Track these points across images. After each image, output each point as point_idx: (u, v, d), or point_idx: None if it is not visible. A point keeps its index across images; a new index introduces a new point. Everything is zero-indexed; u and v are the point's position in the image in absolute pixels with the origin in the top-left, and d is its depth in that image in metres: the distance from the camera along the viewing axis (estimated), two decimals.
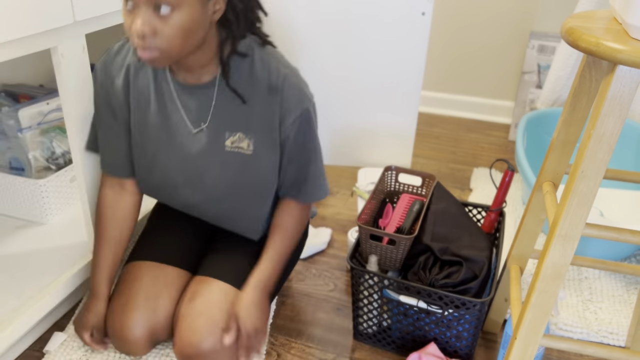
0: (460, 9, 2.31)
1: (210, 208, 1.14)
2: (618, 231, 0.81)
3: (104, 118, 1.12)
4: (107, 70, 1.09)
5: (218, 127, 1.06)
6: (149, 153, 1.11)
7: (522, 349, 0.89)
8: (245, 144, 1.05)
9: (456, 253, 1.13)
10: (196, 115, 1.06)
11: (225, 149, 1.06)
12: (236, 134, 1.05)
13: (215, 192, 1.11)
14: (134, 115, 1.09)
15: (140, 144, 1.11)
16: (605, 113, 0.72)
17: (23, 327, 1.10)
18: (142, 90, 1.07)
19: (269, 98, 1.02)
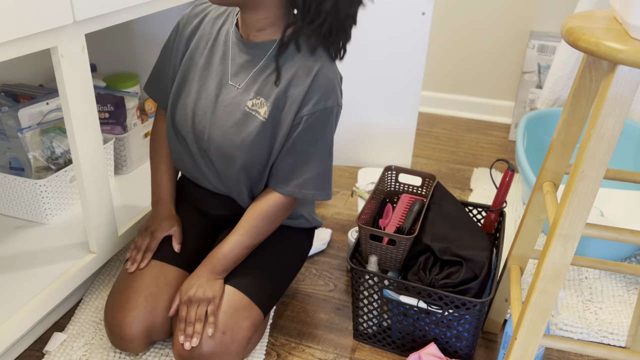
0: (460, 9, 2.31)
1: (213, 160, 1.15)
2: (618, 231, 0.81)
3: (168, 53, 1.21)
4: (185, 17, 1.18)
5: (248, 86, 1.10)
6: (183, 87, 1.16)
7: (523, 349, 0.89)
8: (263, 110, 1.09)
9: (456, 253, 1.13)
10: (238, 70, 1.12)
11: (245, 108, 1.10)
12: (260, 98, 1.09)
13: (221, 143, 1.11)
14: (189, 51, 1.16)
15: (180, 78, 1.17)
16: (605, 113, 0.72)
17: (23, 327, 1.10)
18: (206, 34, 1.15)
19: (302, 79, 1.05)
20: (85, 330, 1.24)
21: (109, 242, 1.31)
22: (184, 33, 1.18)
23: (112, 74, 1.78)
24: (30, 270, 1.22)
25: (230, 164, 1.12)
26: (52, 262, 1.25)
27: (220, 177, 1.18)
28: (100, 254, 1.29)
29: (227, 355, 1.06)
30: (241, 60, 1.11)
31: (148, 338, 1.12)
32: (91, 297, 1.34)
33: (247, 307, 1.10)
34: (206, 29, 1.16)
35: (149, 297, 1.12)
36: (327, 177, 1.13)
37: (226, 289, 1.11)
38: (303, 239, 1.29)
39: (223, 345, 1.05)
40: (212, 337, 1.04)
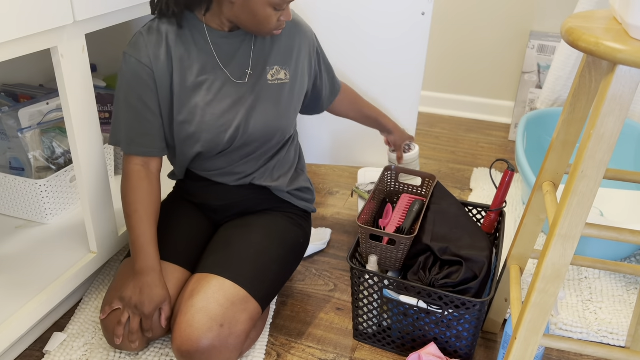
0: (460, 9, 2.31)
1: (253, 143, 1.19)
2: (618, 231, 0.81)
3: (136, 101, 1.11)
4: (145, 48, 1.09)
5: (259, 67, 1.17)
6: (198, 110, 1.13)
7: (522, 349, 0.89)
8: (282, 75, 1.19)
9: (456, 253, 1.13)
10: (238, 63, 1.15)
11: (268, 82, 1.18)
12: (274, 67, 1.18)
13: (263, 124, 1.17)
14: (177, 77, 1.12)
15: (187, 103, 1.14)
16: (605, 113, 0.72)
17: (23, 327, 1.10)
18: (183, 51, 1.13)
19: (293, 31, 1.21)
20: (85, 330, 1.24)
21: (109, 242, 1.31)
22: (158, 66, 1.10)
23: (112, 74, 1.78)
24: (30, 270, 1.22)
25: (271, 137, 1.20)
26: (52, 262, 1.25)
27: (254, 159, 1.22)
28: (100, 254, 1.29)
29: (225, 348, 1.06)
30: (233, 52, 1.15)
31: (144, 336, 1.12)
32: (91, 297, 1.34)
33: (245, 300, 1.10)
34: (179, 48, 1.11)
35: None
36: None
37: (223, 282, 1.10)
38: (299, 234, 1.29)
39: (221, 338, 1.05)
40: (210, 330, 1.04)
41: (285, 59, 1.20)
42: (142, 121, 1.13)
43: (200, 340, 1.04)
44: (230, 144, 1.17)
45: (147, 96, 1.11)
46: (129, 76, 1.10)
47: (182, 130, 1.14)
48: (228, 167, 1.22)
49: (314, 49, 1.28)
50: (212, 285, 1.09)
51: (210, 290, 1.09)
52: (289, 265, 1.24)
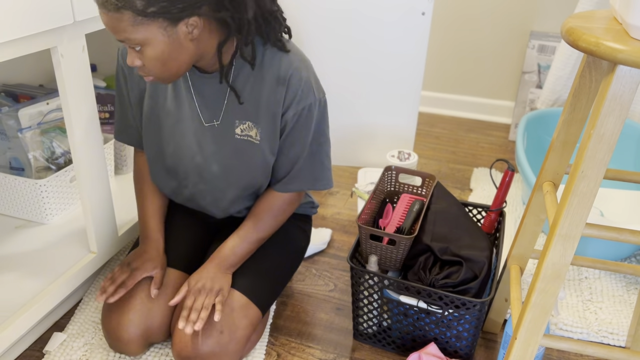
0: (460, 9, 2.31)
1: (212, 191, 1.15)
2: (618, 231, 0.81)
3: (119, 95, 1.17)
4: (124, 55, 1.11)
5: (229, 117, 1.08)
6: (161, 138, 1.13)
7: (522, 349, 0.89)
8: (253, 133, 1.08)
9: (456, 253, 1.13)
10: (211, 105, 1.08)
11: (236, 136, 1.08)
12: (245, 122, 1.08)
13: (223, 177, 1.12)
14: (149, 100, 1.12)
15: (152, 130, 1.13)
16: (605, 113, 0.72)
17: (23, 327, 1.10)
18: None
19: (276, 89, 1.04)
20: (85, 330, 1.24)
21: (109, 242, 1.31)
22: (133, 76, 1.11)
23: (112, 74, 1.78)
24: (30, 270, 1.22)
25: (232, 188, 1.14)
26: (52, 262, 1.25)
27: (219, 202, 1.17)
28: (100, 254, 1.29)
29: (225, 354, 1.06)
30: (209, 93, 1.07)
31: (145, 340, 1.12)
32: (91, 297, 1.34)
33: (245, 306, 1.10)
34: None
35: (145, 299, 1.12)
36: (325, 166, 1.14)
37: None
38: (300, 237, 1.29)
39: (221, 345, 1.05)
40: (210, 336, 1.04)
41: (259, 116, 1.06)
42: (126, 113, 1.19)
43: (200, 346, 1.04)
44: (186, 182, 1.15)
45: (126, 92, 1.16)
46: (117, 71, 1.15)
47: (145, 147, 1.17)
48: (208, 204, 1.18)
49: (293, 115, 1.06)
50: None
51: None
52: (289, 269, 1.24)
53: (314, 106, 1.06)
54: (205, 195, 1.16)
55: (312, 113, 1.06)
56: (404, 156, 1.61)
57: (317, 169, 1.13)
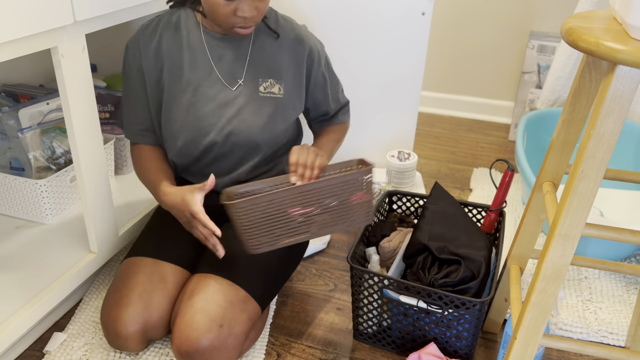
0: (460, 9, 2.31)
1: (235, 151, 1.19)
2: (618, 231, 0.81)
3: (133, 90, 1.19)
4: (138, 43, 1.16)
5: (252, 76, 1.16)
6: (183, 110, 1.15)
7: (522, 349, 0.89)
8: (276, 89, 1.18)
9: (454, 252, 1.13)
10: (230, 68, 1.16)
11: (259, 94, 1.17)
12: (268, 80, 1.17)
13: (247, 134, 1.16)
14: (167, 75, 1.15)
15: (173, 104, 1.16)
16: (605, 113, 0.72)
17: (23, 327, 1.10)
18: (175, 51, 1.15)
19: (295, 46, 1.19)
20: (85, 330, 1.24)
21: (109, 242, 1.31)
22: (147, 62, 1.16)
23: (112, 74, 1.78)
24: (30, 270, 1.22)
25: (254, 149, 1.19)
26: (52, 262, 1.25)
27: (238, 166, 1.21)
28: (100, 254, 1.29)
29: (225, 349, 1.06)
30: (229, 57, 1.16)
31: (144, 336, 1.12)
32: (91, 297, 1.34)
33: (243, 300, 1.10)
34: (171, 48, 1.16)
35: (143, 293, 1.12)
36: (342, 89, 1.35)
37: (221, 282, 1.10)
38: None
39: (221, 339, 1.05)
40: (210, 330, 1.04)
41: (281, 73, 1.19)
42: (135, 110, 1.21)
43: (200, 340, 1.04)
44: (210, 150, 1.18)
45: (137, 87, 1.19)
46: (125, 67, 1.19)
47: (165, 127, 1.19)
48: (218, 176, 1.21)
49: (314, 62, 1.23)
50: (211, 286, 1.09)
51: (209, 290, 1.09)
52: (288, 265, 1.24)
53: (325, 52, 1.27)
54: (228, 158, 1.20)
55: (327, 57, 1.27)
56: (404, 156, 1.61)
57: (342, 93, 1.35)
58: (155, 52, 1.16)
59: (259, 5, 1.05)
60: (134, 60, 1.17)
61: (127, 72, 1.19)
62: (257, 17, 1.06)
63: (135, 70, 1.18)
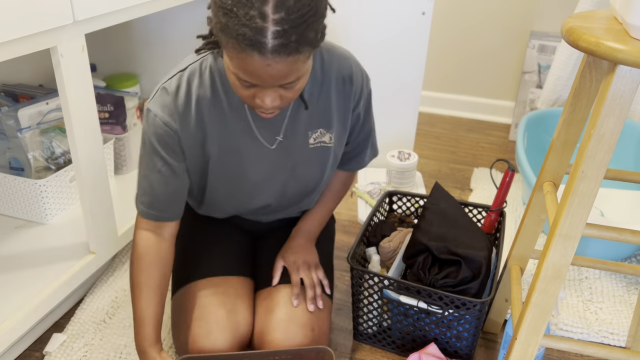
0: (460, 9, 2.31)
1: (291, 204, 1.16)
2: (618, 231, 0.81)
3: (157, 162, 1.00)
4: (170, 109, 0.97)
5: (297, 132, 1.04)
6: (229, 176, 1.06)
7: (523, 349, 0.89)
8: (327, 138, 1.08)
9: (454, 252, 1.13)
10: (271, 129, 1.03)
11: (310, 146, 1.08)
12: (317, 130, 1.07)
13: (303, 188, 1.13)
14: (210, 143, 1.01)
15: (219, 171, 1.05)
16: (606, 113, 0.71)
17: (23, 327, 1.10)
18: (218, 117, 1.00)
19: (343, 89, 1.06)
20: (85, 331, 1.24)
21: (109, 242, 1.31)
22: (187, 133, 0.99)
23: (112, 74, 1.78)
24: (30, 270, 1.22)
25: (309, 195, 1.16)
26: (52, 262, 1.25)
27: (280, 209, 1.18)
28: (100, 254, 1.29)
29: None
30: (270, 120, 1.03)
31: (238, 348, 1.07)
32: (92, 298, 1.34)
33: (321, 299, 1.11)
34: (212, 113, 0.99)
35: (230, 314, 1.05)
36: (376, 141, 1.24)
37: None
38: (332, 222, 1.34)
39: (315, 341, 1.06)
40: (305, 337, 1.05)
41: (330, 122, 1.07)
42: (167, 185, 1.02)
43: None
44: (264, 208, 1.14)
45: (172, 161, 1.00)
46: (153, 138, 0.98)
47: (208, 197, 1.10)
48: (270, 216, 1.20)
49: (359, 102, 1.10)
50: (289, 295, 1.09)
51: (289, 300, 1.08)
52: (331, 251, 1.27)
53: (370, 91, 1.13)
54: (274, 209, 1.16)
55: (371, 96, 1.14)
56: (404, 156, 1.61)
57: (374, 146, 1.23)
58: (196, 121, 0.98)
59: (285, 94, 0.86)
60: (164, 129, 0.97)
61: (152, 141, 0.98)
62: (282, 105, 0.89)
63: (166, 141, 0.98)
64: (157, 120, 0.97)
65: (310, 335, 1.06)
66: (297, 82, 0.86)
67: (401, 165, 1.59)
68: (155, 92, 0.98)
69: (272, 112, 0.91)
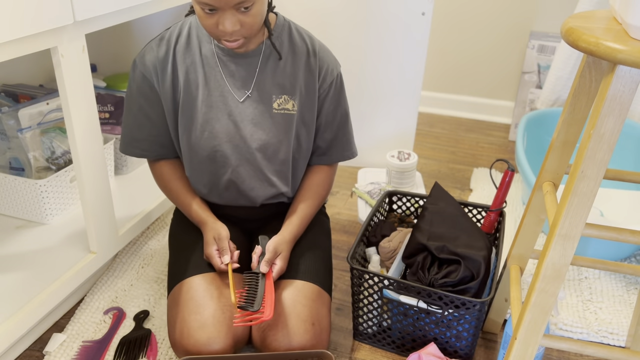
0: (460, 9, 2.31)
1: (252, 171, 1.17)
2: (618, 231, 0.81)
3: (137, 109, 1.16)
4: (150, 61, 1.12)
5: (264, 93, 1.14)
6: (197, 128, 1.14)
7: (522, 349, 0.89)
8: (290, 105, 1.14)
9: (453, 251, 1.13)
10: (241, 84, 1.13)
11: (273, 111, 1.14)
12: (282, 96, 1.14)
13: (262, 152, 1.15)
14: (184, 94, 1.13)
15: (187, 123, 1.14)
16: (605, 113, 0.72)
17: (23, 327, 1.10)
18: (190, 69, 1.12)
19: (309, 61, 1.15)
20: (85, 331, 1.24)
21: (109, 242, 1.31)
22: (164, 80, 1.13)
23: (112, 74, 1.78)
24: (30, 270, 1.22)
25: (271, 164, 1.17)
26: (52, 262, 1.25)
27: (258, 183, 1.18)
28: (100, 254, 1.29)
29: (320, 345, 1.08)
30: (240, 73, 1.13)
31: (235, 347, 1.07)
32: (92, 298, 1.34)
33: (320, 294, 1.13)
34: (186, 66, 1.12)
35: (225, 308, 1.07)
36: (352, 136, 1.27)
37: (296, 284, 1.12)
38: (325, 220, 1.34)
39: (316, 336, 1.07)
40: (306, 331, 1.06)
41: (294, 89, 1.15)
42: (141, 128, 1.18)
43: (302, 342, 1.05)
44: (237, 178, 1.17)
45: (148, 107, 1.16)
46: (134, 86, 1.15)
47: (183, 142, 1.17)
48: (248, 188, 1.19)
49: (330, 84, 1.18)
50: (289, 290, 1.11)
51: (289, 294, 1.10)
52: (328, 247, 1.28)
53: (340, 75, 1.20)
54: (244, 178, 1.17)
55: (342, 81, 1.21)
56: (404, 156, 1.61)
57: (349, 139, 1.25)
58: (172, 69, 1.12)
59: (243, 19, 0.99)
60: (143, 78, 1.13)
61: (135, 90, 1.15)
62: (243, 32, 1.01)
63: (142, 88, 1.14)
64: (137, 71, 1.13)
65: (311, 330, 1.06)
66: (253, 7, 0.98)
67: (401, 165, 1.59)
68: (143, 47, 1.14)
69: (235, 39, 1.02)
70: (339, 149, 1.24)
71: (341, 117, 1.22)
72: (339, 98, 1.21)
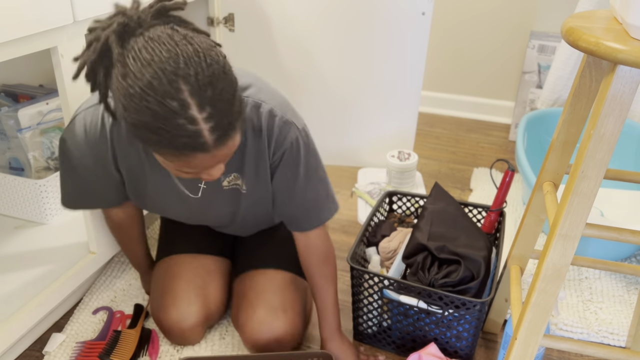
0: (460, 9, 2.31)
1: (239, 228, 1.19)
2: (618, 231, 0.81)
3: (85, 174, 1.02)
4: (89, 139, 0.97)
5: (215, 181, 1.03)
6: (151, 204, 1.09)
7: (523, 349, 0.89)
8: (240, 182, 1.03)
9: (453, 251, 1.13)
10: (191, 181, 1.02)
11: (224, 188, 1.04)
12: (231, 174, 1.02)
13: (222, 221, 1.15)
14: (129, 185, 1.04)
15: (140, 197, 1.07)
16: (606, 113, 0.71)
17: (23, 327, 1.10)
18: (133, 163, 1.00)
19: (256, 138, 0.97)
20: (85, 331, 1.24)
21: (109, 242, 1.31)
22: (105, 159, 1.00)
23: None
24: (30, 270, 1.22)
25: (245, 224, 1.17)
26: (52, 262, 1.25)
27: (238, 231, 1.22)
28: (100, 254, 1.29)
29: (296, 329, 1.11)
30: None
31: (205, 328, 1.18)
32: (91, 298, 1.33)
33: (292, 281, 1.15)
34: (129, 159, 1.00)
35: (199, 289, 1.15)
36: (330, 192, 1.10)
37: (267, 273, 1.15)
38: None
39: (289, 322, 1.10)
40: (277, 319, 1.08)
41: (242, 168, 1.01)
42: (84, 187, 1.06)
43: (273, 330, 1.08)
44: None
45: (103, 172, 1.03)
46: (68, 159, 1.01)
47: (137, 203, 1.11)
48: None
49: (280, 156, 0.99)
50: (259, 279, 1.14)
51: (259, 284, 1.13)
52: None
53: (299, 140, 0.99)
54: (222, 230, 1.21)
55: (299, 148, 0.99)
56: (404, 156, 1.61)
57: (327, 195, 1.08)
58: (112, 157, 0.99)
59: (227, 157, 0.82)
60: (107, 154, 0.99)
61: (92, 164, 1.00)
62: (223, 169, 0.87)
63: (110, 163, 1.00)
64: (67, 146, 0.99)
65: (282, 318, 1.09)
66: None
67: (401, 165, 1.59)
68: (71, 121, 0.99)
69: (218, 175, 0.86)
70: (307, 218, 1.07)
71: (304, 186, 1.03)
72: (295, 168, 1.01)
